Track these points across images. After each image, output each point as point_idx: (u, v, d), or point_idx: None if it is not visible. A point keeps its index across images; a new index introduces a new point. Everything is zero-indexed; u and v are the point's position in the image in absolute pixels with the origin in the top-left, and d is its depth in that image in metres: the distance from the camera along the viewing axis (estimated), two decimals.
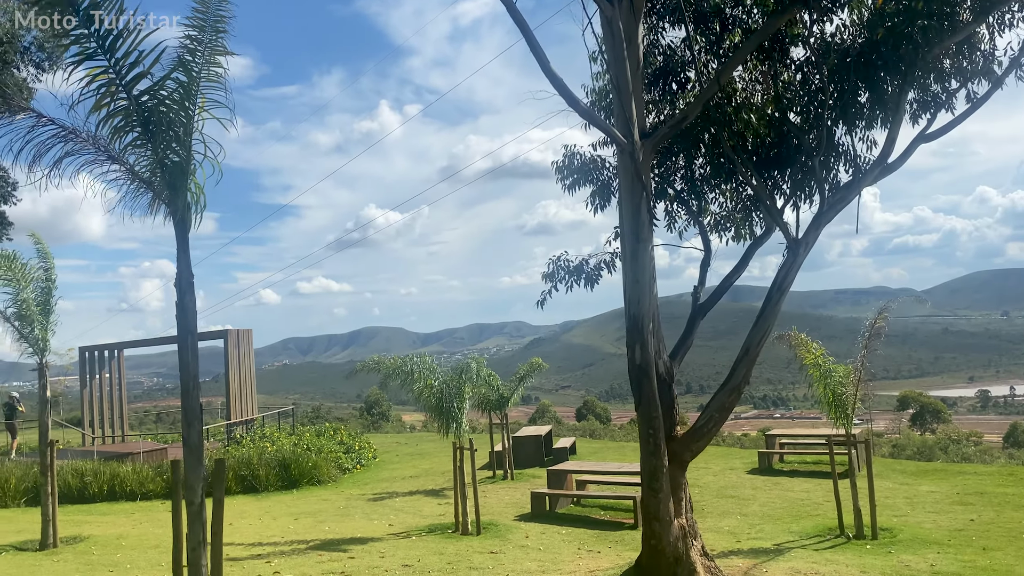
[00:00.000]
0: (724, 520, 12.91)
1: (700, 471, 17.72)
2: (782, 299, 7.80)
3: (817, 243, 8.05)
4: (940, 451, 44.07)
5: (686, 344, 8.62)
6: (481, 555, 10.31)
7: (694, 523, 8.06)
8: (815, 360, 11.69)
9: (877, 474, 16.32)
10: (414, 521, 13.38)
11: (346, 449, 21.06)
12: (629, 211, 7.65)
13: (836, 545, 10.94)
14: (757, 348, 7.82)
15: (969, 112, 8.29)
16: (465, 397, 12.27)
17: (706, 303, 8.92)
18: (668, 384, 8.00)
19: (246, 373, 25.04)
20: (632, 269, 7.65)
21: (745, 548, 10.72)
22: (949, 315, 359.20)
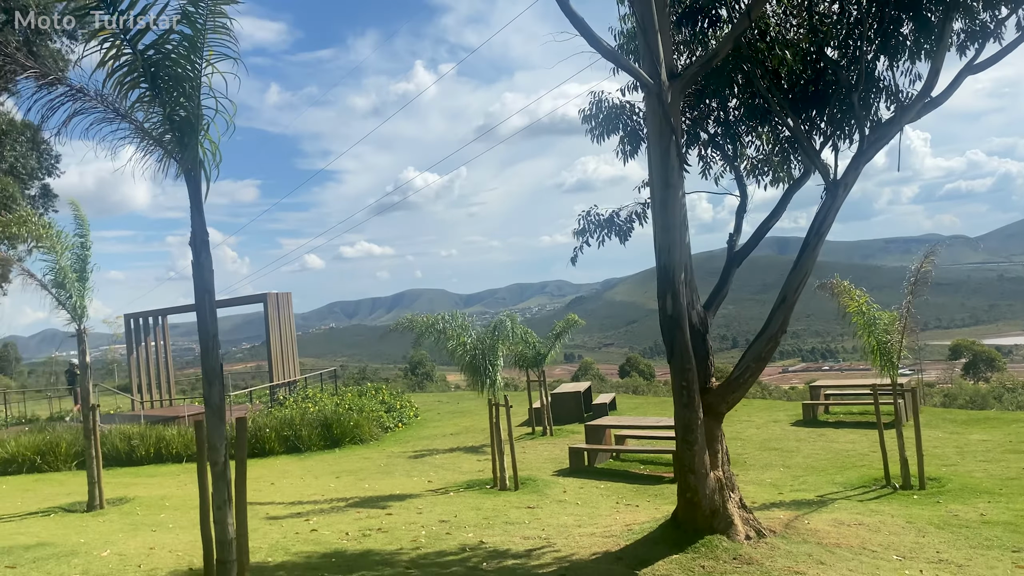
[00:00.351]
0: (767, 472, 12.71)
1: (743, 424, 17.50)
2: (820, 244, 7.46)
3: (865, 191, 7.79)
4: (994, 400, 43.08)
5: (721, 294, 8.34)
6: (518, 510, 10.29)
7: (731, 475, 7.87)
8: (859, 308, 11.33)
9: (926, 424, 15.94)
10: (453, 477, 13.43)
11: (387, 408, 21.24)
12: (657, 156, 7.35)
13: (882, 496, 10.68)
14: (794, 296, 7.52)
15: (1019, 42, 7.76)
16: (499, 354, 12.17)
17: (742, 250, 8.60)
18: (702, 335, 7.75)
19: (287, 335, 25.34)
20: (661, 217, 7.37)
21: (787, 500, 10.53)
22: (1004, 262, 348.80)
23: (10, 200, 29.52)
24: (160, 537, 8.91)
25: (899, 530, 8.75)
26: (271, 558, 7.79)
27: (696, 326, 7.75)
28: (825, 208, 7.50)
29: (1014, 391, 49.17)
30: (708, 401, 7.64)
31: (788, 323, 7.56)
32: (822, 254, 7.89)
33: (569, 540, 8.28)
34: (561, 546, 8.04)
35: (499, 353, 12.17)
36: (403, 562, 7.57)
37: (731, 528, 7.38)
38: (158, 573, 7.18)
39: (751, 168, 9.95)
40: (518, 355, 17.80)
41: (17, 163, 34.02)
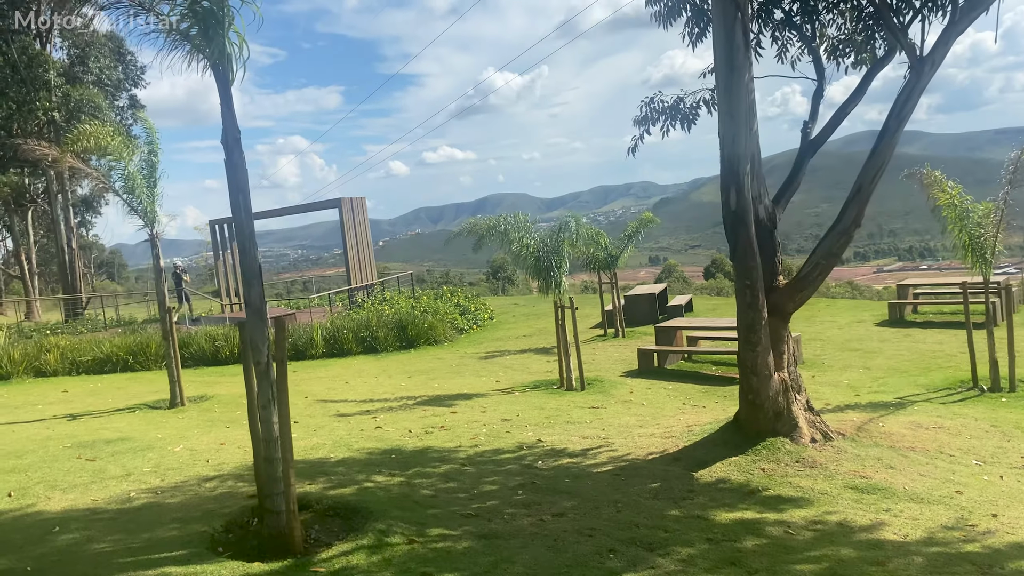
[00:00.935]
0: (845, 374, 12.24)
1: (825, 324, 16.90)
2: (900, 129, 6.78)
3: (974, 78, 7.17)
4: None
5: (792, 186, 7.77)
6: (581, 410, 10.24)
7: (798, 377, 7.53)
8: (950, 200, 10.49)
9: (1019, 324, 14.99)
10: (521, 378, 13.48)
11: (462, 311, 21.43)
12: (722, 35, 6.74)
13: (967, 398, 10.14)
14: (871, 186, 6.92)
15: None
16: (564, 256, 11.90)
17: (817, 139, 7.94)
18: (770, 231, 7.28)
19: (363, 240, 25.63)
20: (726, 103, 6.82)
21: (864, 402, 10.11)
22: None
23: (96, 110, 30.44)
24: (232, 433, 9.25)
25: (982, 434, 8.29)
26: (333, 454, 7.97)
27: (763, 221, 7.28)
28: (908, 88, 6.78)
29: None
30: (774, 301, 7.25)
31: (863, 216, 7.00)
32: (922, 148, 7.29)
33: (628, 440, 8.18)
34: (619, 446, 7.94)
35: (564, 254, 11.91)
36: (460, 459, 7.62)
37: (795, 431, 7.09)
38: (224, 467, 7.44)
39: (831, 49, 9.12)
40: (590, 257, 17.52)
41: (103, 74, 34.91)
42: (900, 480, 6.33)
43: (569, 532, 5.23)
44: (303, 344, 17.68)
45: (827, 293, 45.25)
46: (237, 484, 6.77)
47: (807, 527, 5.33)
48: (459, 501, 6.05)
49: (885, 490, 6.05)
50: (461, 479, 6.76)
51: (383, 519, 5.46)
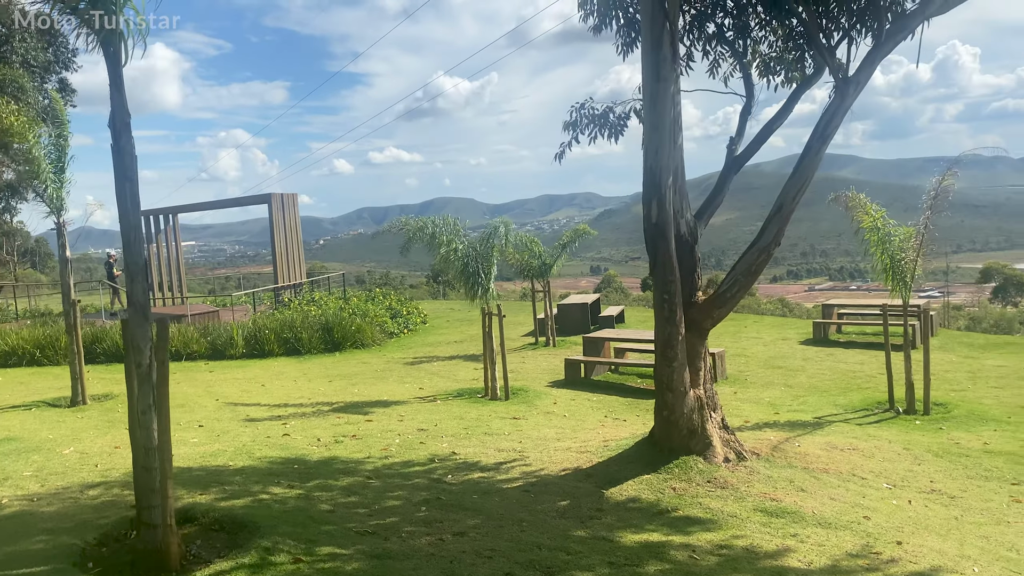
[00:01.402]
0: (767, 391, 12.30)
1: (751, 341, 17.05)
2: (823, 148, 6.75)
3: (907, 108, 7.08)
4: (1020, 324, 42.24)
5: (715, 202, 7.70)
6: (502, 420, 10.01)
7: (714, 394, 7.44)
8: (873, 223, 10.62)
9: (941, 347, 15.38)
10: (446, 385, 13.20)
11: (393, 314, 21.03)
12: (649, 45, 6.62)
13: (883, 420, 10.26)
14: (792, 204, 6.87)
15: None
16: (493, 261, 11.69)
17: (742, 155, 7.90)
18: (690, 246, 7.17)
19: (292, 237, 24.99)
20: (651, 114, 6.70)
21: (782, 420, 10.13)
22: None
23: (20, 92, 29.06)
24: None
25: (894, 456, 8.34)
26: (233, 462, 7.57)
27: (684, 236, 7.18)
28: (832, 108, 6.76)
29: None
30: (692, 316, 7.14)
31: (783, 234, 6.95)
32: (855, 172, 7.30)
33: (543, 454, 7.98)
34: (533, 460, 7.73)
35: (493, 260, 11.69)
36: (366, 471, 7.31)
37: (709, 449, 6.99)
38: (112, 473, 6.99)
39: (763, 67, 9.12)
40: (524, 264, 17.36)
41: (28, 55, 33.39)
42: (810, 504, 6.26)
43: (468, 553, 4.99)
44: (222, 344, 17.06)
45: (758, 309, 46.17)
46: (123, 492, 6.34)
47: (712, 552, 5.19)
48: (357, 517, 5.75)
49: (794, 514, 5.97)
50: (364, 493, 6.45)
51: (271, 535, 5.12)
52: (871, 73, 6.74)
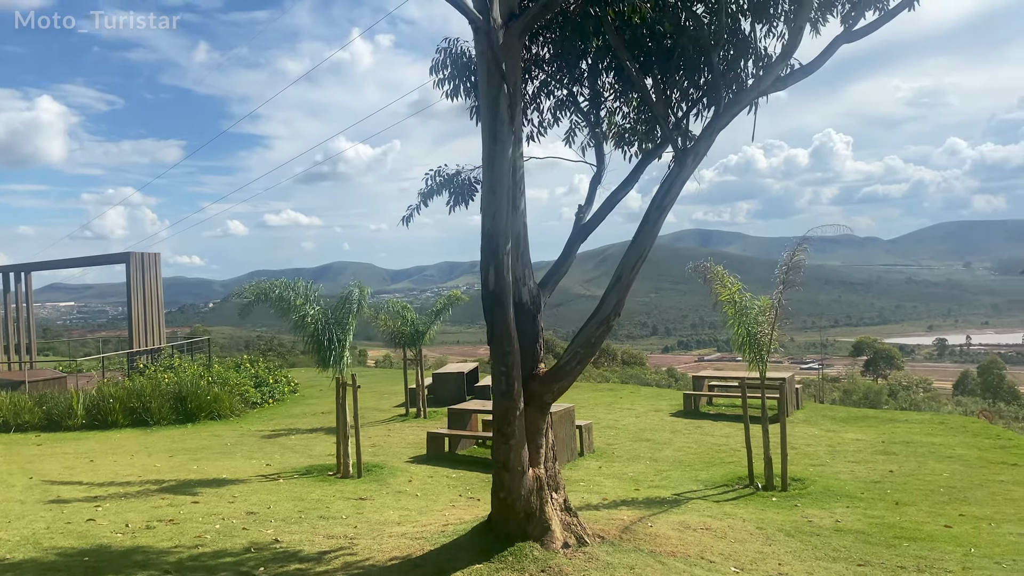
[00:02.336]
0: (631, 466, 12.00)
1: (623, 412, 16.86)
2: (662, 218, 6.59)
3: (788, 190, 7.05)
4: (888, 397, 44.25)
5: (561, 269, 7.41)
6: (345, 501, 9.26)
7: (556, 473, 7.00)
8: (730, 296, 10.64)
9: (806, 420, 15.58)
10: (297, 461, 12.32)
11: (258, 383, 19.88)
12: (487, 105, 6.35)
13: (741, 496, 10.06)
14: (631, 275, 6.64)
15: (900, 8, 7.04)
16: (348, 329, 11.07)
17: (589, 223, 7.69)
18: (532, 315, 6.82)
19: (152, 299, 23.50)
20: (488, 177, 6.38)
21: (641, 498, 9.80)
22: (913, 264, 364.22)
23: None
24: None
25: (747, 536, 8.08)
26: (11, 554, 6.56)
27: (526, 304, 6.81)
28: (671, 178, 6.63)
29: (908, 388, 50.70)
30: (533, 389, 6.73)
31: (623, 305, 6.68)
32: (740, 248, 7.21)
33: (376, 541, 7.29)
34: (362, 548, 7.04)
35: (349, 327, 11.07)
36: (168, 563, 6.45)
37: (548, 534, 6.49)
38: None
39: (619, 137, 9.07)
40: (395, 331, 16.76)
41: None
42: None
43: None
44: (60, 414, 15.57)
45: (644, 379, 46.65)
46: None
47: None
48: None
49: None
50: None
51: None
52: (709, 144, 6.66)
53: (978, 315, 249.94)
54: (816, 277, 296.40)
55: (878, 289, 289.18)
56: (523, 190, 6.86)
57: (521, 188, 6.84)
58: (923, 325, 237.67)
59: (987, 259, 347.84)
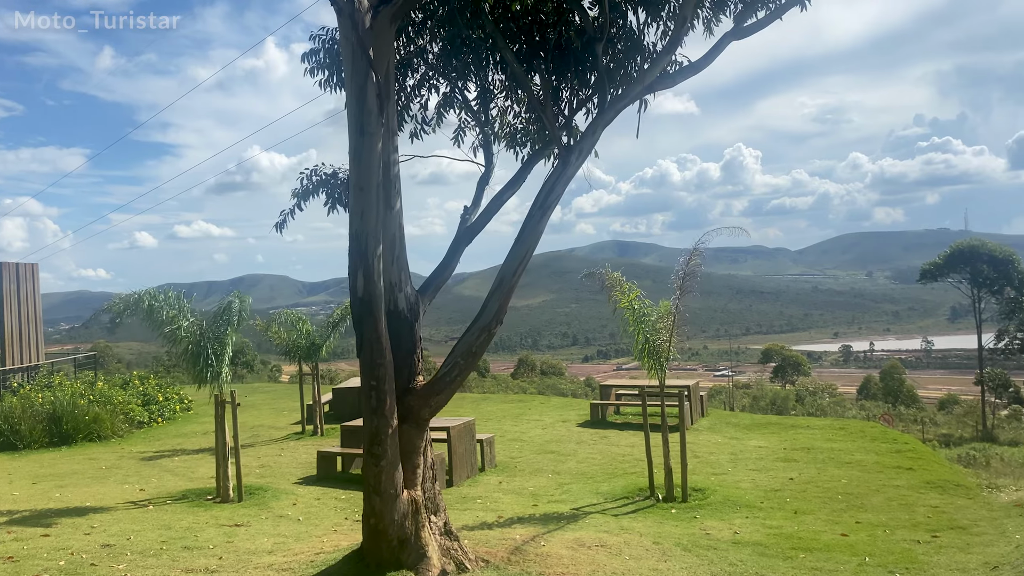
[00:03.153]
0: (533, 479, 11.59)
1: (531, 424, 16.48)
2: (545, 218, 6.20)
3: (701, 202, 6.74)
4: (795, 402, 45.44)
5: (443, 275, 6.94)
6: (217, 529, 8.52)
7: (436, 495, 6.49)
8: (629, 303, 10.37)
9: (710, 428, 15.51)
10: (175, 485, 11.43)
11: (145, 401, 18.66)
12: (353, 95, 5.83)
13: (641, 509, 9.75)
14: (513, 279, 6.21)
15: (788, 6, 6.88)
16: (228, 341, 10.31)
17: (474, 226, 7.26)
18: (410, 324, 6.31)
19: (28, 313, 21.93)
20: (356, 173, 5.85)
21: (539, 514, 9.37)
22: (819, 274, 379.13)
23: None
24: None
25: (642, 553, 7.74)
26: None
27: (402, 312, 6.30)
28: (555, 176, 6.25)
29: (815, 394, 52.24)
30: (409, 404, 6.22)
31: (505, 311, 6.25)
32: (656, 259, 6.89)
33: (238, 574, 6.62)
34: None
35: (228, 341, 10.32)
36: None
37: (423, 561, 5.98)
38: None
39: (511, 136, 8.68)
40: (290, 345, 15.96)
41: None
42: None
43: None
44: None
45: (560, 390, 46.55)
46: None
47: None
48: None
49: None
50: None
51: None
52: (594, 141, 6.31)
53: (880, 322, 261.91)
54: (728, 286, 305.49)
55: (787, 298, 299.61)
56: (399, 189, 6.37)
57: (396, 187, 6.34)
58: (829, 332, 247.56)
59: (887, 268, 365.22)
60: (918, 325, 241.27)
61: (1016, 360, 52.22)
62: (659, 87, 6.82)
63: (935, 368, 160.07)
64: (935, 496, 9.90)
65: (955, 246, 49.79)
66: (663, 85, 6.82)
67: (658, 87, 6.81)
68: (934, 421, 44.91)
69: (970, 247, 48.57)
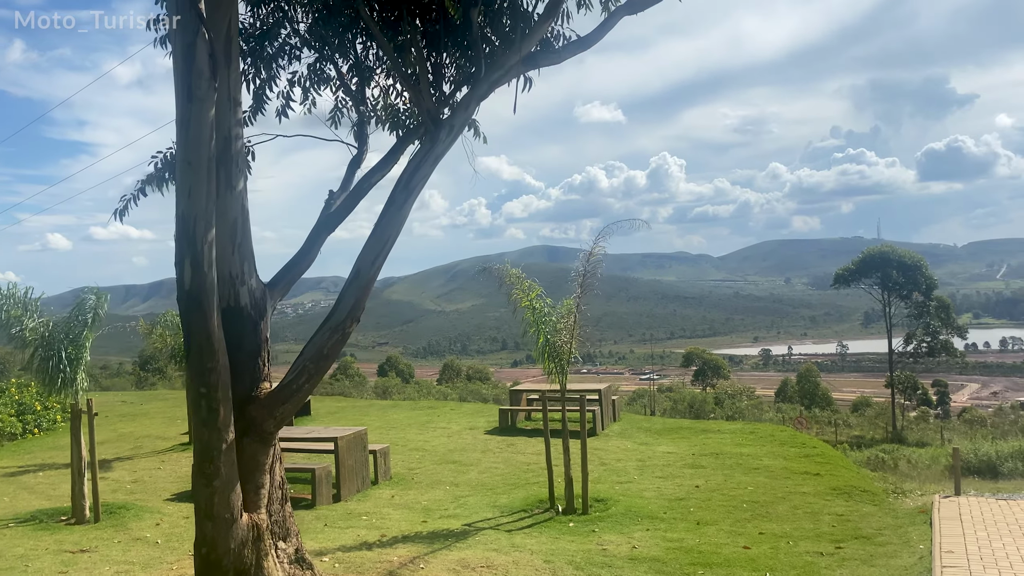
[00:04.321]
0: (428, 492, 10.83)
1: (437, 432, 15.69)
2: (409, 201, 5.49)
3: (628, 209, 6.27)
4: (714, 405, 45.83)
5: (299, 266, 6.13)
6: (54, 557, 7.51)
7: (286, 518, 5.70)
8: (530, 303, 9.74)
9: (621, 433, 15.01)
10: (29, 504, 10.28)
11: (20, 411, 17.16)
12: (180, 52, 4.98)
13: (538, 523, 9.11)
14: (371, 269, 5.47)
15: None
16: (85, 344, 9.26)
17: (339, 211, 6.49)
18: (254, 321, 5.50)
19: None
20: (184, 145, 5.02)
21: (426, 531, 8.65)
22: (740, 280, 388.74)
23: None
24: None
25: (531, 574, 7.11)
26: None
27: (245, 308, 5.49)
28: (422, 154, 5.55)
29: (733, 397, 52.90)
30: (252, 415, 5.40)
31: (363, 308, 5.50)
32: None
33: None
34: None
35: (84, 344, 9.26)
36: None
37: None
38: None
39: (394, 117, 7.95)
40: (175, 348, 14.82)
41: None
42: None
43: None
44: None
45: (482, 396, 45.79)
46: None
47: None
48: None
49: None
50: None
51: None
52: (467, 117, 5.65)
53: (798, 327, 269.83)
54: (654, 291, 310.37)
55: (709, 303, 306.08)
56: (243, 167, 5.55)
57: (241, 165, 5.52)
58: (749, 337, 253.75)
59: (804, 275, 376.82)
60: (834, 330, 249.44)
61: (923, 363, 53.93)
62: (544, 62, 6.20)
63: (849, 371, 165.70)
64: (841, 503, 9.56)
65: (867, 252, 51.16)
66: (549, 60, 6.20)
67: (543, 62, 6.19)
68: (847, 423, 45.86)
69: (881, 253, 49.96)
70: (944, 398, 63.23)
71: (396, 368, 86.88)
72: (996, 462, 16.76)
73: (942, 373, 67.32)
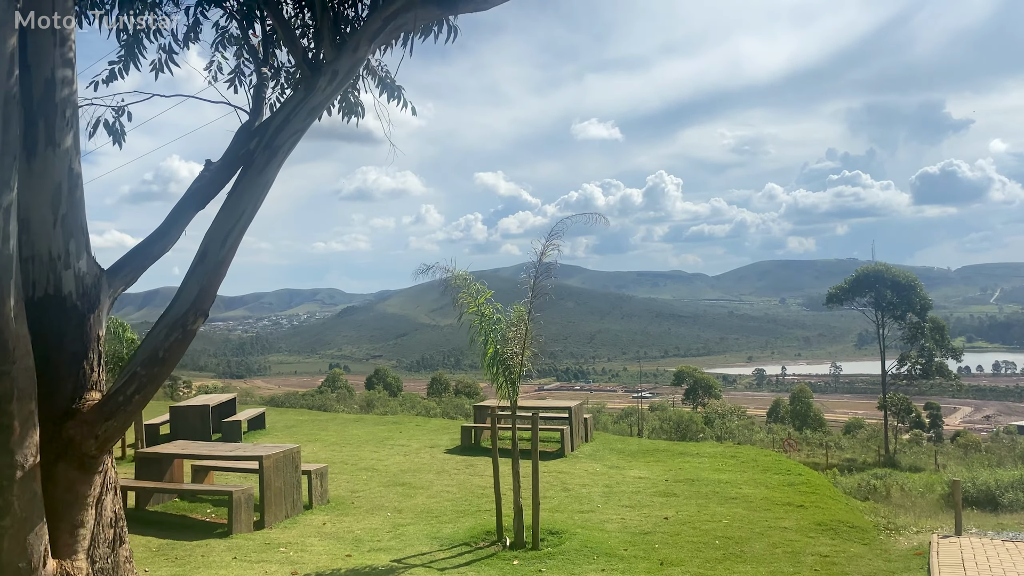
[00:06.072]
0: (366, 520, 9.61)
1: (394, 450, 14.49)
2: (272, 164, 4.33)
3: (624, 227, 5.55)
4: (704, 424, 44.60)
5: (154, 249, 4.90)
6: None
7: (120, 564, 4.51)
8: (478, 308, 8.60)
9: (591, 455, 13.83)
10: None
11: None
12: None
13: (479, 559, 7.94)
14: (223, 251, 4.27)
15: None
16: None
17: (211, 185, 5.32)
18: (80, 314, 4.34)
19: None
20: None
21: (344, 570, 7.47)
22: (735, 300, 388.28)
23: None
24: None
25: None
26: None
27: (68, 297, 4.33)
28: (291, 106, 4.40)
29: (724, 416, 51.65)
30: (70, 434, 4.23)
31: (211, 299, 4.33)
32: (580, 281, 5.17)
33: None
34: None
35: None
36: None
37: None
38: None
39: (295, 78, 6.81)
40: (110, 356, 13.59)
41: None
42: None
43: None
44: None
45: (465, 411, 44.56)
46: None
47: None
48: None
49: None
50: None
51: None
52: (354, 63, 4.52)
53: (792, 347, 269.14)
54: (648, 310, 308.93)
55: (704, 322, 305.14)
56: (72, 121, 4.40)
57: (70, 118, 4.37)
58: (743, 356, 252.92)
59: (799, 295, 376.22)
60: (827, 351, 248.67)
61: (917, 386, 52.83)
62: (465, 7, 5.08)
63: (842, 392, 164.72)
64: (826, 541, 8.38)
65: (860, 271, 50.18)
66: (470, 6, 5.07)
67: (464, 7, 5.07)
68: (839, 445, 44.68)
69: (874, 272, 48.97)
70: (937, 421, 62.06)
71: (384, 381, 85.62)
72: (996, 492, 15.63)
73: (934, 396, 66.15)
